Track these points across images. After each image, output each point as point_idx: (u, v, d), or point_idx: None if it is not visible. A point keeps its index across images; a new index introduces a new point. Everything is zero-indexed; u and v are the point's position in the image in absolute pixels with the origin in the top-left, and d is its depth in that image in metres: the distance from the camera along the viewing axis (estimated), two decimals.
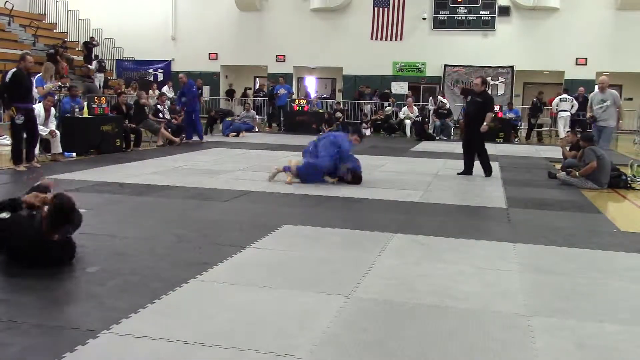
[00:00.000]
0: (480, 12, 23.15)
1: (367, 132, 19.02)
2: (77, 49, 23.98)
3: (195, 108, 15.57)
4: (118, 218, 6.31)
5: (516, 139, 18.94)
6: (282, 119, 21.06)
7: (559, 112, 18.20)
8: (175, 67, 25.29)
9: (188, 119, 15.39)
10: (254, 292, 4.01)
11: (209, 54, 25.05)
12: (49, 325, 3.36)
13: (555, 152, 13.55)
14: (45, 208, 4.40)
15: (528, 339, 3.40)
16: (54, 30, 24.91)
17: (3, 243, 4.47)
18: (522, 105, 22.71)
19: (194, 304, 3.77)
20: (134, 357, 3.04)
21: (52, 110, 11.04)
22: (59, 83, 12.52)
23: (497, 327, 3.57)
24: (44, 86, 12.21)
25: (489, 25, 23.14)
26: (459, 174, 10.16)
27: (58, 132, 10.85)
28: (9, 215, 4.45)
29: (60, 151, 10.92)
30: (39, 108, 10.58)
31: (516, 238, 5.75)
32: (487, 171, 10.13)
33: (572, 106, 18.04)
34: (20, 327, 3.30)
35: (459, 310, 3.79)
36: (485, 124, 9.85)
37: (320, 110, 21.08)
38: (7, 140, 13.23)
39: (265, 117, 22.24)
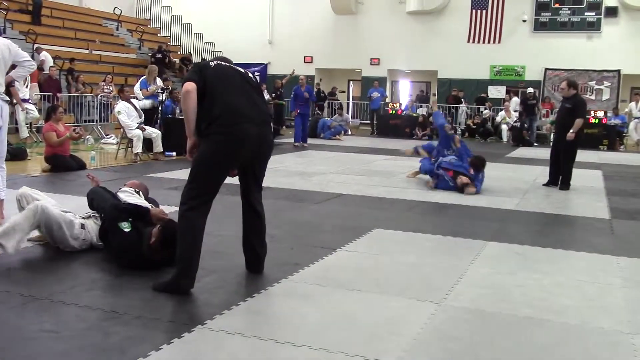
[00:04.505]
0: (585, 14, 22.10)
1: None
2: (179, 53, 24.98)
3: (307, 112, 15.97)
4: (211, 216, 6.47)
5: (622, 147, 17.99)
6: (375, 122, 21.12)
7: None
8: (271, 70, 25.79)
9: (299, 123, 15.49)
10: (344, 295, 4.02)
11: (305, 57, 25.35)
12: (148, 317, 3.50)
13: None
14: (156, 230, 4.39)
15: (632, 357, 3.21)
16: (158, 35, 26.07)
17: (109, 244, 4.59)
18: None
19: (284, 304, 3.82)
20: (226, 351, 3.12)
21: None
22: (162, 85, 13.07)
23: (597, 343, 3.40)
24: (148, 88, 12.81)
25: (594, 27, 22.07)
26: (544, 185, 9.43)
27: (159, 131, 11.40)
28: (129, 230, 4.43)
29: (162, 150, 11.43)
30: (142, 104, 11.93)
31: (620, 251, 5.45)
32: (564, 184, 9.13)
33: None
34: (121, 318, 3.46)
35: (555, 324, 3.64)
36: (572, 131, 8.93)
37: (414, 114, 20.89)
38: (113, 139, 14.01)
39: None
